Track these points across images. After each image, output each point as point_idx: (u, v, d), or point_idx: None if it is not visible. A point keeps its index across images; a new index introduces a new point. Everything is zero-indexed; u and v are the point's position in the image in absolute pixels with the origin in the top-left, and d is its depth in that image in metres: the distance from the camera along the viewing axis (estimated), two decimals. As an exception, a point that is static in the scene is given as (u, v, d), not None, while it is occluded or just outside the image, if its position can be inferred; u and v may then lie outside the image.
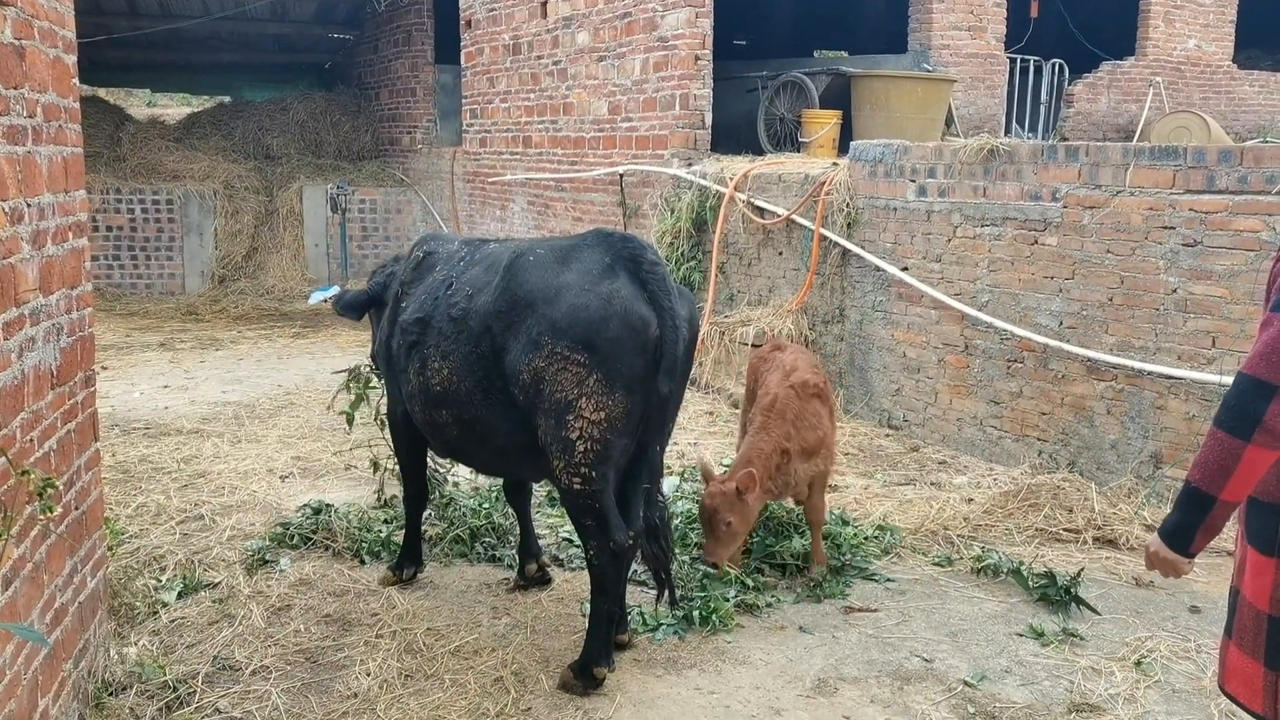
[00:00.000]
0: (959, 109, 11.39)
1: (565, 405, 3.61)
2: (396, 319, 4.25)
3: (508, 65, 12.31)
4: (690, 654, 4.08)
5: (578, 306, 3.61)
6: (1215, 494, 2.25)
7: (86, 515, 3.50)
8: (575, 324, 3.59)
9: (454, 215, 13.97)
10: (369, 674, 3.88)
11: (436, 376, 3.94)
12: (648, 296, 3.65)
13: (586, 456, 3.63)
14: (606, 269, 3.70)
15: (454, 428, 4.01)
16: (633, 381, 3.62)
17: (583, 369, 3.58)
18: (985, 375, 6.57)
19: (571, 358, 3.58)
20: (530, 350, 3.65)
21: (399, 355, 4.16)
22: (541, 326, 3.63)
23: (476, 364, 3.83)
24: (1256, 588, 2.30)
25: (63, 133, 3.24)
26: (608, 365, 3.58)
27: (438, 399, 3.97)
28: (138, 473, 6.24)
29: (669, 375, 3.65)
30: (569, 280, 3.68)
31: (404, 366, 4.11)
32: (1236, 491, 2.24)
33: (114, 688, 3.64)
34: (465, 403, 3.90)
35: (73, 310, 3.35)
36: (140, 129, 15.35)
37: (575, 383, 3.59)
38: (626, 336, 3.59)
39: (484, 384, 3.83)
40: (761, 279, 8.45)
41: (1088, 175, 5.91)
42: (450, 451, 4.29)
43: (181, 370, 9.55)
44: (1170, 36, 13.56)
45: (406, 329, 4.09)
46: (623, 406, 3.62)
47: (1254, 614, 2.29)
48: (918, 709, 3.69)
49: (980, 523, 5.41)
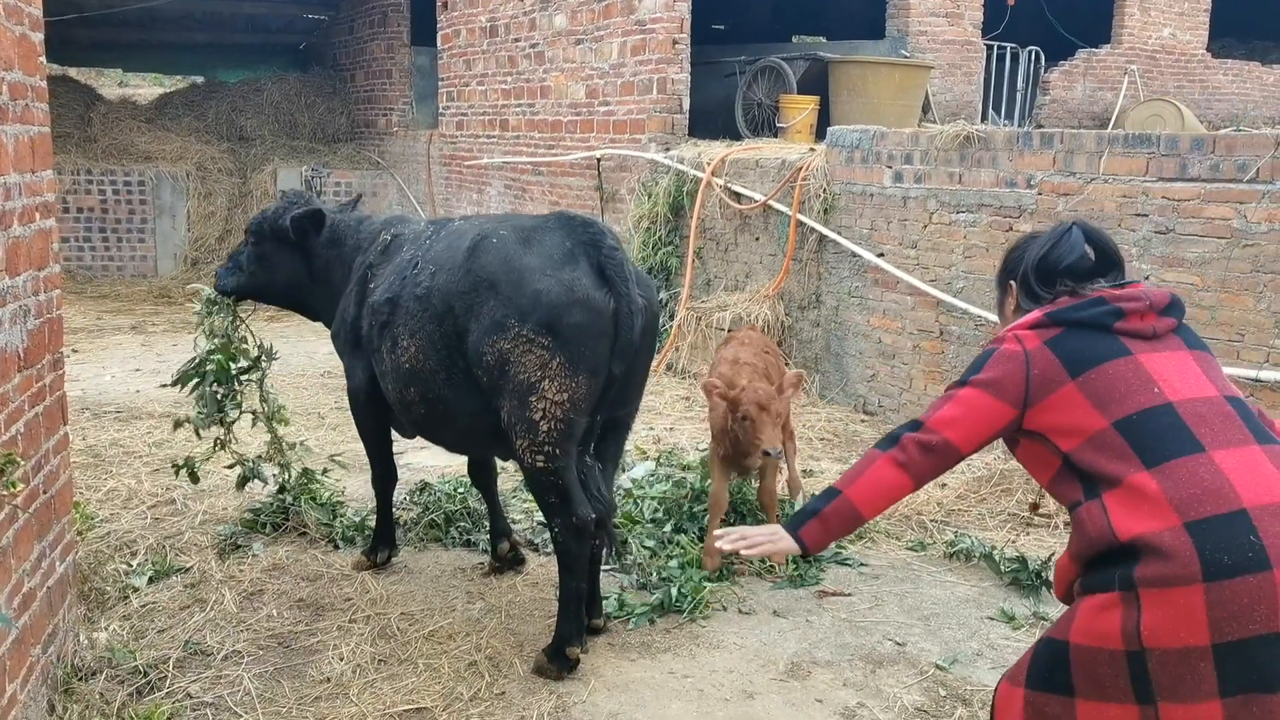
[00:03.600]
0: (936, 95, 11.42)
1: (529, 387, 3.67)
2: (364, 299, 4.27)
3: (485, 48, 12.23)
4: (665, 638, 4.09)
5: (541, 291, 3.66)
6: (842, 488, 2.51)
7: (55, 499, 3.46)
8: (539, 308, 3.64)
9: (430, 198, 13.89)
10: (342, 658, 3.87)
11: (405, 355, 3.98)
12: (605, 281, 3.73)
13: (550, 436, 3.69)
14: (568, 254, 3.77)
15: (421, 406, 4.05)
16: (596, 364, 3.70)
17: (546, 352, 3.64)
18: (960, 361, 6.60)
19: (536, 341, 3.64)
20: (493, 333, 3.69)
21: (371, 335, 4.17)
22: (505, 309, 3.68)
23: (440, 342, 3.88)
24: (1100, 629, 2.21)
25: (29, 111, 3.19)
26: (570, 349, 3.65)
27: (407, 377, 4.01)
28: (109, 457, 6.19)
29: (622, 358, 3.75)
30: (532, 264, 3.73)
31: (377, 346, 4.13)
32: (861, 496, 2.50)
33: (84, 673, 3.61)
34: (431, 381, 3.95)
35: (40, 292, 3.31)
36: (111, 109, 15.14)
37: (539, 365, 3.65)
38: (589, 321, 3.66)
39: (447, 363, 3.88)
40: (738, 264, 8.45)
41: (1062, 162, 5.93)
42: (419, 429, 4.31)
43: (153, 354, 9.47)
44: (1145, 25, 13.64)
45: (377, 309, 4.11)
46: (586, 388, 3.70)
47: (1106, 657, 2.20)
48: (890, 692, 3.72)
49: (953, 508, 5.45)
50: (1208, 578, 2.11)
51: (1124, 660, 2.18)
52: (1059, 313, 2.44)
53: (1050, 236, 2.58)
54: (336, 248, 4.65)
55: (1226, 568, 2.11)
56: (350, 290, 4.45)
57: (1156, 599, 2.15)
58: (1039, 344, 2.40)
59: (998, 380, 2.40)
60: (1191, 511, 2.15)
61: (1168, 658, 2.14)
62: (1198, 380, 2.34)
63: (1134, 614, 2.16)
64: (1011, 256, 2.71)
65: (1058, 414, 2.35)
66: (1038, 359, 2.39)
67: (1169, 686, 2.15)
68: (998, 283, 2.76)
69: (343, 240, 4.65)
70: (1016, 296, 2.65)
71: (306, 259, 4.70)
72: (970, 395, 2.43)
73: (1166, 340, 2.40)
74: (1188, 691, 2.14)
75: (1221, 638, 2.11)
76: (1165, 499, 2.17)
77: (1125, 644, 2.17)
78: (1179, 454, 2.21)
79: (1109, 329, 2.39)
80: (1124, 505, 2.22)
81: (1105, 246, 2.56)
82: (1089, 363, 2.36)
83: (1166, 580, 2.14)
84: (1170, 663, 2.14)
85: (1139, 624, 2.16)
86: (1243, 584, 2.10)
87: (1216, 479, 2.17)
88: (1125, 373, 2.33)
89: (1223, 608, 2.11)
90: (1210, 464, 2.19)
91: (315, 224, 4.65)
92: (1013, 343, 2.43)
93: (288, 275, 4.77)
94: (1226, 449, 2.22)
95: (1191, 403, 2.28)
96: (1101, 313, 2.40)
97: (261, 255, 4.78)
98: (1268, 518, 2.13)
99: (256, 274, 4.80)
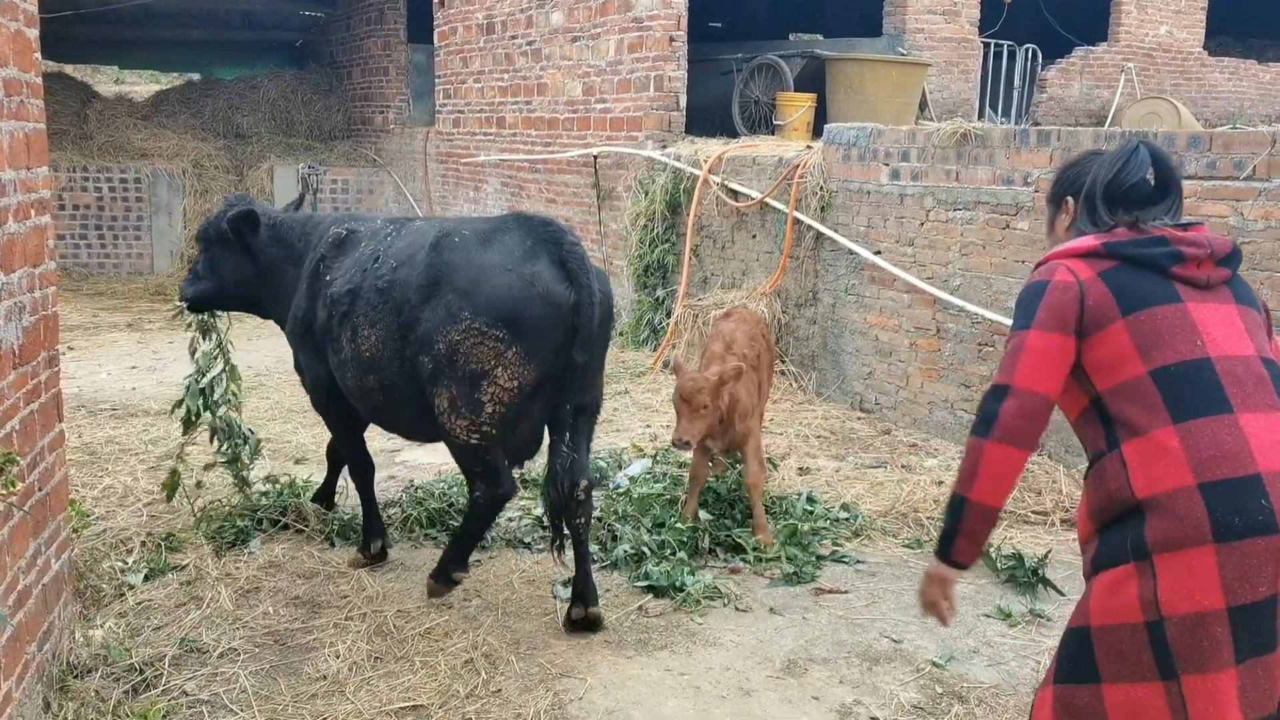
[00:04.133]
0: (933, 93, 11.42)
1: (481, 374, 3.87)
2: (319, 292, 4.43)
3: (481, 45, 12.22)
4: (661, 636, 4.09)
5: (501, 287, 3.86)
6: (965, 494, 2.40)
7: (51, 496, 3.45)
8: (498, 303, 3.84)
9: (427, 196, 13.87)
10: (338, 656, 3.86)
11: (366, 344, 4.14)
12: (567, 275, 3.92)
13: (492, 418, 3.92)
14: (528, 251, 3.96)
15: (380, 393, 4.21)
16: (548, 354, 3.92)
17: (501, 343, 3.84)
18: (956, 359, 6.61)
19: (490, 333, 3.83)
20: (448, 322, 3.87)
21: (330, 325, 4.32)
22: (463, 303, 3.86)
23: (398, 332, 4.04)
24: (1120, 605, 2.23)
25: (24, 108, 3.18)
26: (527, 340, 3.86)
27: (367, 365, 4.17)
28: (105, 454, 6.18)
29: (584, 346, 3.93)
30: (493, 260, 3.93)
31: (336, 335, 4.29)
32: (985, 491, 2.39)
33: (79, 670, 3.61)
34: (388, 369, 4.11)
35: (35, 289, 3.30)
36: (107, 106, 15.11)
37: (493, 355, 3.85)
38: (547, 314, 3.88)
39: (403, 351, 4.04)
40: (735, 262, 8.44)
41: (1059, 160, 5.93)
42: (375, 416, 4.47)
43: (149, 351, 9.45)
44: (1142, 23, 13.64)
45: (338, 300, 4.26)
46: (534, 375, 3.92)
47: (1129, 632, 2.21)
48: (886, 689, 3.72)
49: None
50: (1218, 538, 2.15)
51: (1145, 632, 2.20)
52: (1117, 245, 2.37)
53: (1119, 155, 2.47)
54: (283, 246, 4.79)
55: (1236, 529, 2.14)
56: (301, 285, 4.58)
57: (1170, 563, 2.18)
58: (1093, 275, 2.35)
59: (1058, 315, 2.35)
60: (1207, 473, 2.18)
61: (1185, 623, 2.16)
62: (1239, 338, 2.32)
63: (1150, 582, 2.19)
64: (1070, 171, 2.61)
65: (1101, 350, 2.33)
66: (1092, 291, 2.34)
67: (1188, 655, 2.17)
68: (1051, 199, 2.66)
69: (287, 238, 4.80)
70: (1073, 215, 2.56)
71: (252, 258, 4.84)
72: (1039, 340, 2.37)
73: (1217, 291, 2.36)
74: (1206, 659, 2.16)
75: (1235, 600, 2.15)
76: (1184, 458, 2.20)
77: (1145, 614, 2.19)
78: (1207, 413, 2.22)
79: (1165, 271, 2.33)
80: (1143, 460, 2.24)
81: (1168, 171, 2.46)
82: (1140, 303, 2.32)
83: (1178, 542, 2.17)
84: (1188, 628, 2.16)
85: (1156, 591, 2.18)
86: (1251, 545, 2.14)
87: (1238, 442, 2.19)
88: (1172, 320, 2.29)
89: (1232, 569, 2.14)
90: (1235, 426, 2.21)
91: (250, 223, 4.78)
92: (1066, 274, 2.37)
93: (237, 276, 4.91)
94: (1254, 412, 2.23)
95: (1229, 360, 2.27)
96: (1161, 254, 2.34)
97: (212, 261, 4.94)
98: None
99: (211, 280, 4.95)
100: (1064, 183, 2.62)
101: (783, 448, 6.41)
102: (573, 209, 10.66)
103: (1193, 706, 2.17)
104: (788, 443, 6.53)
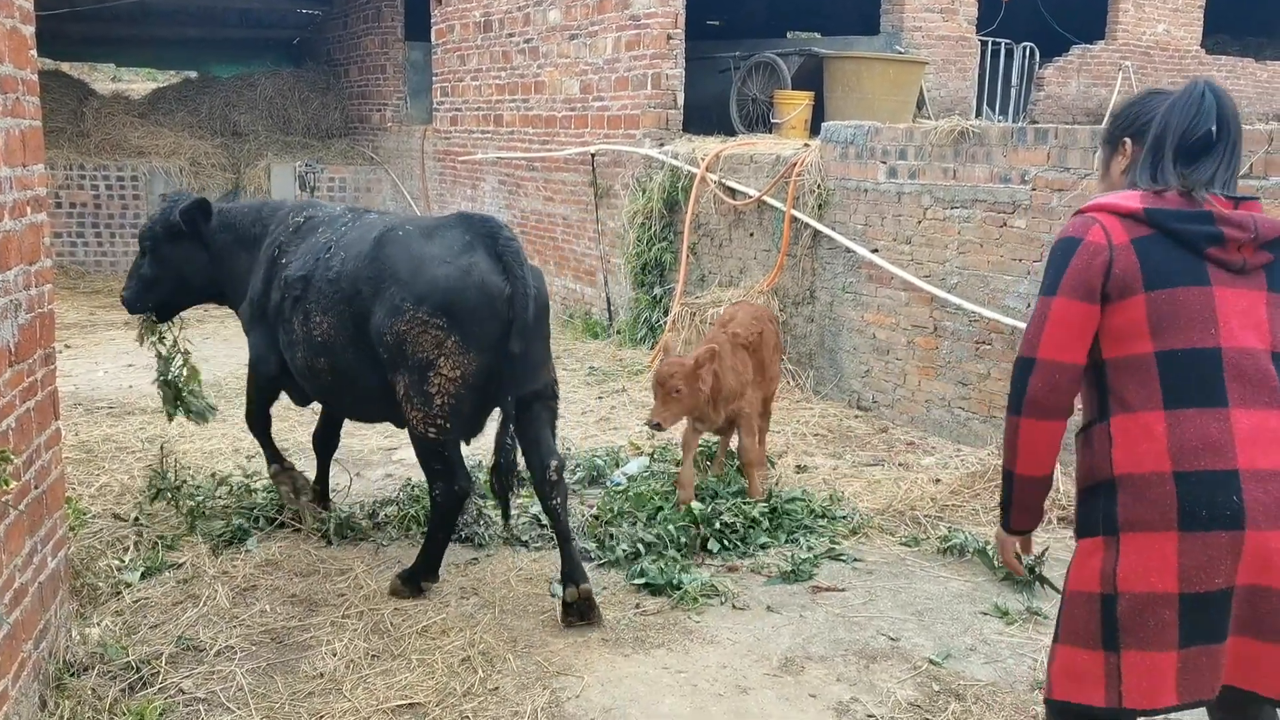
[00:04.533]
0: (930, 91, 11.42)
1: (426, 364, 4.05)
2: (274, 275, 4.60)
3: (479, 43, 12.21)
4: (658, 633, 4.09)
5: (439, 276, 4.04)
6: (1011, 468, 2.49)
7: (47, 494, 3.45)
8: (436, 292, 4.01)
9: (424, 194, 13.86)
10: (335, 654, 3.86)
11: (318, 329, 4.35)
12: (502, 268, 4.09)
13: (443, 409, 4.08)
14: (466, 245, 4.14)
15: (329, 374, 4.43)
16: (485, 343, 4.07)
17: (442, 332, 4.01)
18: (954, 357, 6.61)
19: (431, 322, 4.01)
20: (394, 315, 4.05)
21: (283, 308, 4.50)
22: (405, 293, 4.04)
23: (350, 320, 4.25)
24: (1085, 574, 2.32)
25: (20, 105, 3.17)
26: (464, 329, 4.03)
27: (318, 348, 4.38)
28: (101, 452, 6.17)
29: (520, 336, 4.07)
30: (433, 253, 4.11)
31: (288, 318, 4.48)
32: (1027, 464, 2.46)
33: (76, 668, 3.60)
34: (340, 353, 4.33)
35: (31, 286, 3.30)
36: (104, 104, 15.08)
37: (435, 344, 4.02)
38: (482, 303, 4.04)
39: (355, 339, 4.26)
40: (733, 260, 8.44)
41: (1056, 158, 5.93)
42: (321, 395, 4.71)
43: (146, 349, 9.42)
44: (1140, 21, 13.65)
45: (291, 284, 4.46)
46: (476, 365, 4.07)
47: (1085, 601, 2.31)
48: (884, 687, 3.72)
49: (947, 503, 5.45)
50: (1182, 527, 2.21)
51: (1099, 603, 2.29)
52: (1160, 214, 2.29)
53: (1188, 102, 2.34)
54: (232, 231, 4.93)
55: (1202, 520, 2.20)
56: (258, 269, 4.74)
57: (1134, 543, 2.26)
58: (1126, 241, 2.29)
59: (1083, 282, 2.30)
60: (1185, 463, 2.22)
61: (1136, 601, 2.24)
62: (1257, 329, 2.29)
63: (1113, 557, 2.28)
64: (1130, 110, 2.50)
65: (1117, 318, 2.31)
66: (1121, 258, 2.29)
67: (1133, 631, 2.25)
68: (1107, 139, 2.55)
69: (237, 224, 4.94)
70: (1130, 157, 2.46)
71: (204, 246, 4.97)
72: (1063, 310, 2.33)
73: (1251, 276, 2.31)
74: (1150, 639, 2.24)
75: (1189, 588, 2.21)
76: (1166, 444, 2.24)
77: (1102, 587, 2.29)
78: (1199, 404, 2.24)
79: (1199, 252, 2.27)
80: (1128, 438, 2.28)
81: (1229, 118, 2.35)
82: (1165, 281, 2.28)
83: (1145, 524, 2.24)
84: (1138, 607, 2.24)
85: (1116, 567, 2.27)
86: (1214, 538, 2.20)
87: (1224, 436, 2.22)
88: (1193, 304, 2.26)
89: (1191, 558, 2.20)
90: (1225, 420, 2.23)
91: (204, 212, 4.93)
92: (1099, 234, 2.31)
93: (191, 267, 5.03)
94: (1248, 409, 2.25)
95: (1238, 352, 2.26)
96: (1201, 233, 2.27)
97: (161, 260, 5.04)
98: (1255, 481, 2.20)
99: (163, 279, 5.05)
100: (1123, 122, 2.51)
101: (780, 446, 6.42)
102: (570, 207, 10.66)
103: (1127, 680, 2.26)
104: (785, 441, 6.54)
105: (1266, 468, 2.21)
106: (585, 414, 7.24)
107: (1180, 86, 2.39)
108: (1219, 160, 2.32)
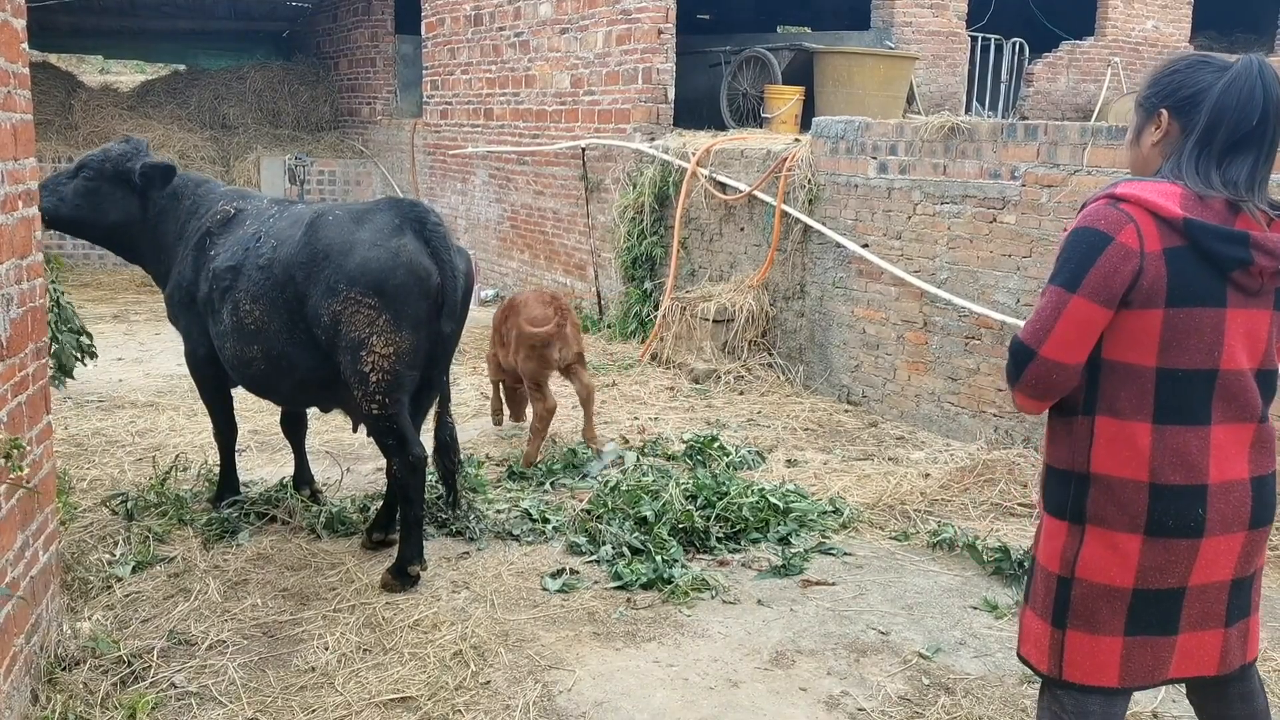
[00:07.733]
0: (921, 86, 11.45)
1: (359, 343, 4.18)
2: (203, 265, 4.63)
3: (469, 36, 12.19)
4: (649, 627, 4.10)
5: (370, 258, 4.16)
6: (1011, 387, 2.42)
7: (38, 489, 3.44)
8: (367, 273, 4.14)
9: (414, 187, 13.84)
10: (327, 648, 3.86)
11: (249, 317, 4.40)
12: (430, 251, 4.24)
13: (379, 385, 4.21)
14: (396, 228, 4.27)
15: (262, 362, 4.48)
16: (417, 322, 4.22)
17: (373, 311, 4.15)
18: (943, 352, 6.64)
19: (364, 301, 4.14)
20: (329, 296, 4.19)
21: (212, 299, 4.54)
22: (338, 275, 4.17)
23: (283, 307, 4.34)
24: (1049, 551, 2.41)
25: (11, 99, 3.16)
26: (395, 307, 4.16)
27: (250, 336, 4.44)
28: (92, 446, 6.16)
29: (450, 317, 4.29)
30: (363, 236, 4.23)
31: (218, 308, 4.52)
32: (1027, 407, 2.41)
33: (67, 662, 3.60)
34: (273, 340, 4.40)
35: (23, 280, 3.29)
36: (93, 96, 15.02)
37: (367, 323, 4.15)
38: (412, 283, 4.18)
39: (289, 324, 4.35)
40: (723, 254, 8.46)
41: (1046, 154, 5.96)
42: (255, 385, 4.71)
43: (136, 342, 9.41)
44: (1129, 17, 13.69)
45: (220, 275, 4.50)
46: (409, 343, 4.22)
47: (1045, 576, 2.41)
48: (873, 680, 3.74)
49: (937, 498, 5.47)
50: (1149, 533, 2.28)
51: (1055, 583, 2.39)
52: (1200, 230, 2.16)
53: (1245, 88, 2.18)
54: (173, 200, 4.89)
55: (1168, 528, 2.27)
56: (186, 255, 4.75)
57: (1098, 537, 2.33)
58: (1158, 250, 2.17)
59: (1107, 287, 2.18)
60: (1162, 476, 2.27)
61: (1091, 590, 2.33)
62: (1253, 347, 2.28)
63: (1075, 544, 2.35)
64: (1171, 79, 2.29)
65: (1132, 323, 2.23)
66: (1151, 269, 2.17)
67: (1082, 614, 2.35)
68: (1143, 103, 2.34)
69: (180, 194, 4.90)
70: (1165, 131, 2.29)
71: (142, 206, 4.90)
72: (1082, 309, 2.21)
73: (1262, 298, 2.26)
74: (1098, 623, 2.34)
75: (1143, 584, 2.30)
76: (1148, 457, 2.27)
77: (1061, 569, 2.38)
78: (1185, 422, 2.27)
79: (1226, 274, 2.19)
80: (1111, 442, 2.31)
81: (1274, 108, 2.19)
82: (1187, 299, 2.19)
83: (1112, 523, 2.31)
84: (1092, 595, 2.33)
85: (1077, 554, 2.35)
86: (1176, 544, 2.28)
87: (1201, 454, 2.27)
88: (1206, 325, 2.22)
89: (1151, 559, 2.29)
90: (1204, 438, 2.28)
91: (164, 178, 4.87)
92: (1132, 237, 2.16)
93: (119, 217, 4.91)
94: (1227, 424, 2.30)
95: (1232, 374, 2.27)
96: (1231, 257, 2.17)
97: (93, 191, 4.90)
98: (1220, 494, 2.28)
99: (83, 208, 4.91)
100: (1161, 91, 2.30)
101: (770, 440, 6.44)
102: (561, 201, 10.66)
103: (1069, 654, 2.36)
104: (775, 435, 6.56)
105: (1232, 478, 2.28)
106: (575, 408, 7.24)
107: (1233, 66, 2.22)
108: (1258, 154, 2.20)
